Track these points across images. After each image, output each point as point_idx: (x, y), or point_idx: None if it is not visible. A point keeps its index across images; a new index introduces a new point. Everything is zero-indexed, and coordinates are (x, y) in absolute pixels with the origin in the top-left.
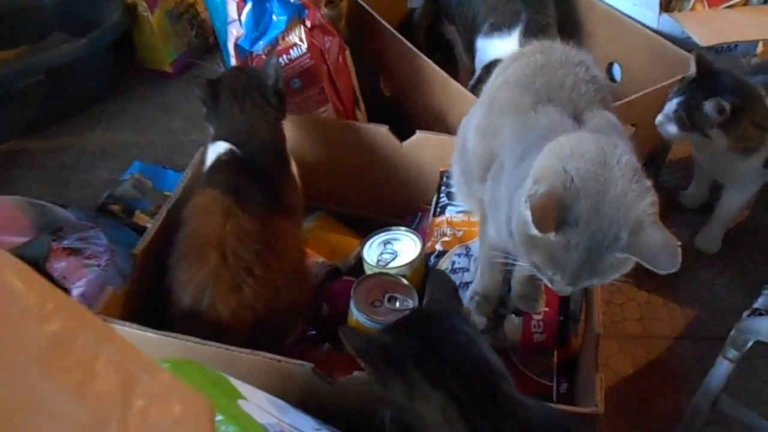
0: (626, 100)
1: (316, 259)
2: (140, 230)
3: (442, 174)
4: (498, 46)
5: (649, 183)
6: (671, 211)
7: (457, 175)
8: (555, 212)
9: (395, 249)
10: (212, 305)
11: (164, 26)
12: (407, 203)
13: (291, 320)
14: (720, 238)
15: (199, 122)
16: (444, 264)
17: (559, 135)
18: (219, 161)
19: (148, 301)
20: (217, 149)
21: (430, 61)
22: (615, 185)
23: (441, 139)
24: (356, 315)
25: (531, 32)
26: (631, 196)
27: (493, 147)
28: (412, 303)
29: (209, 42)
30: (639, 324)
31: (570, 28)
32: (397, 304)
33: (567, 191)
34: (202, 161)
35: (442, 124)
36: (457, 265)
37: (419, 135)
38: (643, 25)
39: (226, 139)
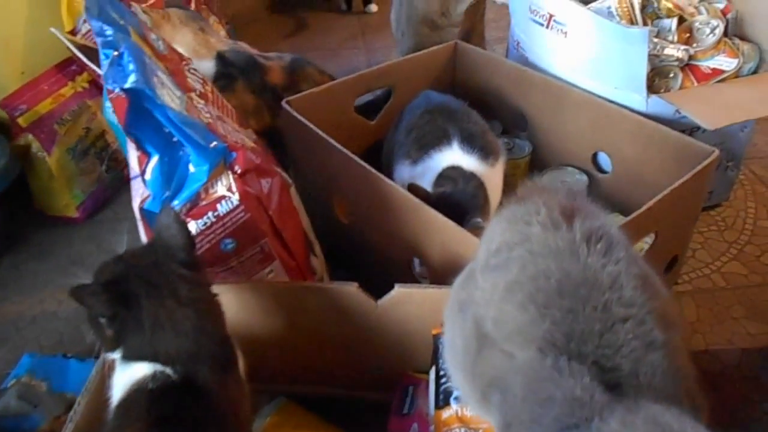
0: (645, 207)
1: None
2: None
3: (436, 338)
4: (438, 159)
5: None
6: None
7: (460, 381)
8: None
9: None
10: None
11: (66, 166)
12: (392, 373)
13: None
14: None
15: None
16: None
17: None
18: (136, 395)
19: None
20: (131, 375)
21: (394, 185)
22: None
23: (427, 293)
24: None
25: (467, 140)
26: None
27: (492, 398)
28: None
29: (123, 174)
30: None
31: (546, 116)
32: None
33: None
34: (105, 383)
35: (420, 256)
36: None
37: (398, 290)
38: (630, 109)
39: (151, 358)
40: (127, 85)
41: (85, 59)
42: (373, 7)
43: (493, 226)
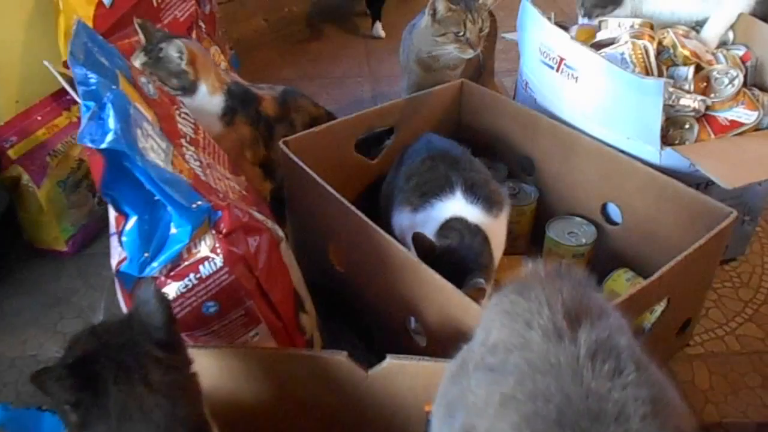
0: (658, 275)
1: None
2: None
3: (428, 416)
4: (441, 209)
5: None
6: None
7: None
8: None
9: None
10: None
11: (56, 200)
12: None
13: None
14: None
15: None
16: None
17: None
18: None
19: None
20: None
21: (393, 240)
22: None
23: (420, 366)
24: None
25: (470, 190)
26: None
27: None
28: None
29: None
30: None
31: (554, 162)
32: None
33: None
34: None
35: (416, 314)
36: None
37: (390, 362)
38: (643, 161)
39: None
40: (103, 145)
41: (75, 95)
42: (381, 32)
43: (491, 314)
